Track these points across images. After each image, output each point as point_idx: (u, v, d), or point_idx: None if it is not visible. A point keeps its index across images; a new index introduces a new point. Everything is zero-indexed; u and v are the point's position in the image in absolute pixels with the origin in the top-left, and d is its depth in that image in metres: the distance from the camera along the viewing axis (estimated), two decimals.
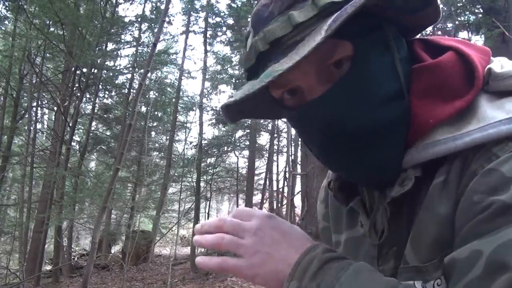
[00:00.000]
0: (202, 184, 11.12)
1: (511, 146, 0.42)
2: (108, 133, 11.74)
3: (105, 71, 10.14)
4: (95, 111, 10.51)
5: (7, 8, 8.76)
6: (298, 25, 0.48)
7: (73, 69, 8.98)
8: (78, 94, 9.13)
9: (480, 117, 0.45)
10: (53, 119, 10.90)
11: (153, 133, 13.42)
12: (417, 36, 0.59)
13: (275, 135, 12.13)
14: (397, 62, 0.51)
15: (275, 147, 12.83)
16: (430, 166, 0.48)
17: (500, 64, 0.49)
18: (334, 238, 0.68)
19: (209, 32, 11.88)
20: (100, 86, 10.10)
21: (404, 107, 0.50)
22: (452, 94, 0.49)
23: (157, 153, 13.26)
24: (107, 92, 11.26)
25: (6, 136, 8.80)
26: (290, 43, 0.48)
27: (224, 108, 0.54)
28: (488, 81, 0.48)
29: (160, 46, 10.72)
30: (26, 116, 9.36)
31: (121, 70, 11.00)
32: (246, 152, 13.01)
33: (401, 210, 0.52)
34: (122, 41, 10.71)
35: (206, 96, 11.84)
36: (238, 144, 12.80)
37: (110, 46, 10.60)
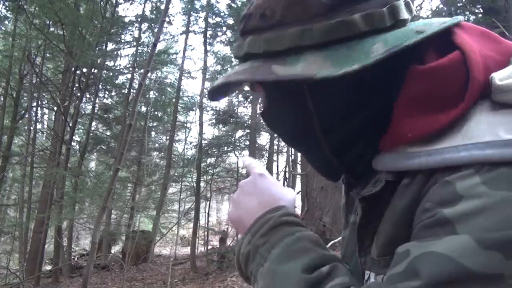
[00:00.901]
0: (202, 184, 11.12)
1: (480, 166, 0.39)
2: (108, 133, 11.74)
3: (105, 71, 10.15)
4: (95, 111, 10.52)
5: (7, 8, 8.76)
6: (247, 55, 0.54)
7: (73, 69, 8.99)
8: (78, 94, 9.14)
9: (462, 134, 0.42)
10: (53, 119, 10.90)
11: (153, 133, 13.42)
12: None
13: (275, 135, 12.11)
14: (317, 107, 0.53)
15: (275, 147, 12.82)
16: (406, 174, 0.47)
17: (510, 72, 0.44)
18: (350, 218, 0.68)
19: (209, 32, 11.88)
20: (100, 86, 10.10)
21: (320, 146, 0.55)
22: (442, 105, 0.45)
23: (157, 153, 13.26)
24: (107, 92, 11.27)
25: (6, 136, 8.80)
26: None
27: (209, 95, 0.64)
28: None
29: (160, 46, 10.73)
30: (26, 116, 9.37)
31: (121, 70, 11.00)
32: (246, 152, 13.00)
33: (380, 208, 0.51)
34: (122, 41, 10.71)
35: (206, 96, 11.82)
36: (238, 144, 12.79)
37: (110, 46, 10.60)
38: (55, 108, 9.97)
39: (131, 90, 10.18)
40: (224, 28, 11.92)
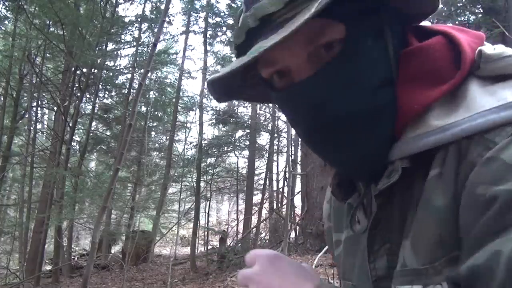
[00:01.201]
0: (202, 184, 11.12)
1: (508, 131, 0.39)
2: (108, 133, 11.74)
3: (105, 71, 10.14)
4: (95, 111, 10.52)
5: (7, 8, 8.76)
6: (290, 2, 0.46)
7: (73, 69, 8.98)
8: (78, 94, 9.13)
9: (469, 105, 0.43)
10: (53, 119, 10.90)
11: (153, 133, 13.42)
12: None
13: (275, 135, 12.13)
14: (390, 49, 0.50)
15: (275, 147, 12.82)
16: (420, 157, 0.46)
17: (493, 47, 0.48)
18: (335, 237, 0.67)
19: (209, 32, 11.88)
20: (100, 86, 10.10)
21: (393, 94, 0.49)
22: (438, 79, 0.47)
23: (157, 153, 13.27)
24: (107, 92, 11.27)
25: (6, 136, 8.80)
26: (280, 20, 0.47)
27: (210, 84, 0.53)
28: (479, 65, 0.46)
29: (160, 46, 10.74)
30: (26, 116, 9.37)
31: (121, 70, 11.00)
32: (246, 152, 13.01)
33: (392, 205, 0.50)
34: (122, 41, 10.71)
35: (206, 96, 11.84)
36: (238, 144, 12.80)
37: (110, 46, 10.60)
38: (55, 108, 9.97)
39: (131, 90, 10.18)
40: (224, 28, 11.92)
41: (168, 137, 12.12)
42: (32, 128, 9.11)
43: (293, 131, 8.91)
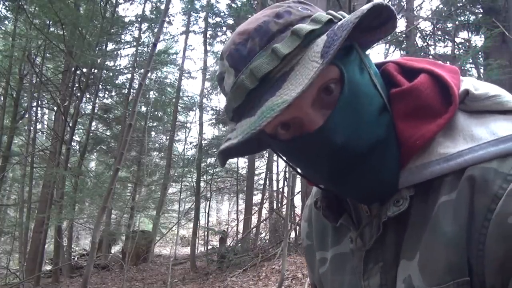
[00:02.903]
0: (202, 184, 11.12)
1: None
2: (108, 133, 11.74)
3: (105, 71, 10.15)
4: (95, 111, 10.52)
5: (7, 8, 8.77)
6: (285, 56, 0.47)
7: (73, 69, 8.98)
8: (78, 94, 9.14)
9: (466, 137, 0.48)
10: (53, 119, 10.91)
11: (153, 133, 13.42)
12: (391, 59, 0.62)
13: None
14: (373, 77, 0.52)
15: None
16: (420, 184, 0.50)
17: (472, 85, 0.52)
18: (319, 255, 0.69)
19: (209, 32, 11.89)
20: (100, 86, 10.10)
21: (390, 119, 0.52)
22: (432, 114, 0.51)
23: (157, 153, 13.27)
24: (107, 92, 11.27)
25: (6, 136, 8.80)
26: (279, 76, 0.47)
27: (225, 153, 0.52)
28: (463, 101, 0.51)
29: (160, 46, 10.74)
30: (26, 116, 9.37)
31: (121, 70, 11.00)
32: None
33: (387, 226, 0.53)
34: (122, 41, 10.71)
35: (206, 96, 11.86)
36: None
37: (110, 46, 10.60)
38: (55, 108, 9.97)
39: (131, 90, 10.19)
40: (224, 28, 11.93)
41: (168, 137, 12.13)
42: (32, 128, 9.11)
43: None
